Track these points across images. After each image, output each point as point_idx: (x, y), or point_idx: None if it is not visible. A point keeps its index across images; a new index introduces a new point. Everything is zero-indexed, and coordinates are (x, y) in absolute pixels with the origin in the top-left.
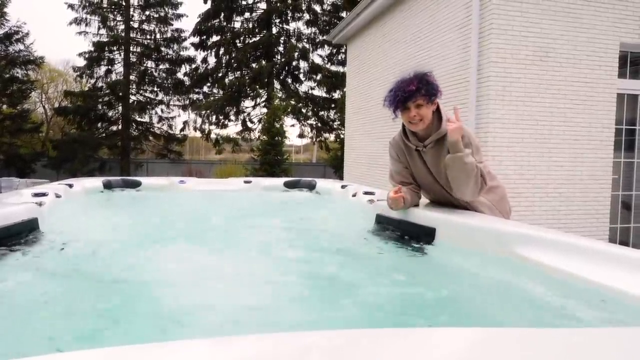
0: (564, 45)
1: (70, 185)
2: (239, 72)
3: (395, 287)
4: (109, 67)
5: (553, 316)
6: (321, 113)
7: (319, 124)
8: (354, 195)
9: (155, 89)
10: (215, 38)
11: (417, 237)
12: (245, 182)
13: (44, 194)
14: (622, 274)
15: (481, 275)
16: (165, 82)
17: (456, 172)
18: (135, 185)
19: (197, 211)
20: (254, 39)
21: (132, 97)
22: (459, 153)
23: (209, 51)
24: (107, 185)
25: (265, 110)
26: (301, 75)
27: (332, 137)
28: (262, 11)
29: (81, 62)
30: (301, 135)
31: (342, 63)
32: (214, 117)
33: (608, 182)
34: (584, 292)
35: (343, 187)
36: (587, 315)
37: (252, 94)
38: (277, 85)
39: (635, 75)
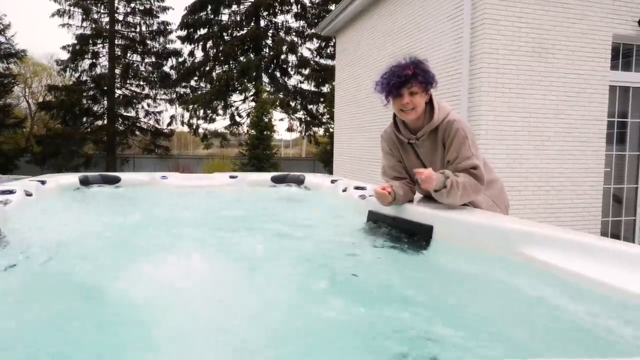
0: (556, 37)
1: (43, 182)
2: (226, 66)
3: (390, 292)
4: (94, 60)
5: (572, 327)
6: (310, 107)
7: (308, 118)
8: (344, 191)
9: (142, 82)
10: (202, 31)
11: (413, 235)
12: (231, 177)
13: (10, 192)
14: None
15: (483, 278)
16: (151, 75)
17: (445, 201)
18: (114, 181)
19: (179, 210)
20: (242, 32)
21: (118, 91)
22: (442, 193)
23: (196, 44)
24: (84, 182)
25: (253, 104)
26: (290, 69)
27: (321, 131)
28: (250, 4)
29: (65, 56)
30: (290, 129)
31: (331, 56)
32: (202, 111)
33: (600, 175)
34: (603, 297)
35: (333, 182)
36: (610, 324)
37: (240, 87)
38: (265, 79)
39: (627, 67)
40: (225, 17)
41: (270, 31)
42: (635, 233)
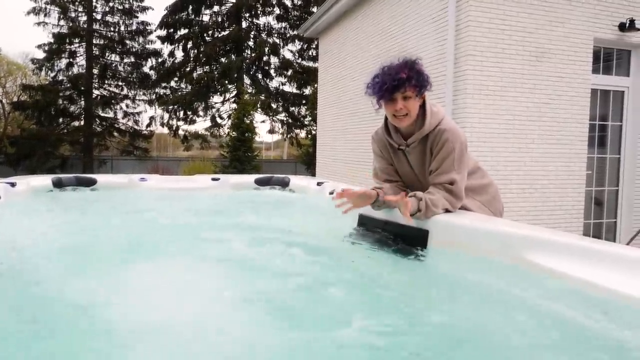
0: (539, 39)
1: (13, 184)
2: (207, 67)
3: (382, 302)
4: (70, 60)
5: (579, 336)
6: (292, 109)
7: (290, 120)
8: (331, 193)
9: (120, 83)
10: (182, 31)
11: (407, 241)
12: (213, 179)
13: None
14: None
15: (484, 286)
16: (130, 76)
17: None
18: (90, 183)
19: (157, 213)
20: (223, 33)
21: (95, 92)
22: (419, 217)
23: (177, 45)
24: (57, 184)
25: (234, 105)
26: (272, 71)
27: (303, 133)
28: (232, 5)
29: (40, 55)
30: (272, 131)
31: (313, 59)
32: (182, 112)
33: (582, 178)
34: (611, 304)
35: (319, 184)
36: (619, 332)
37: (221, 89)
38: (247, 80)
39: (607, 70)
40: (206, 18)
41: (252, 33)
42: (617, 235)
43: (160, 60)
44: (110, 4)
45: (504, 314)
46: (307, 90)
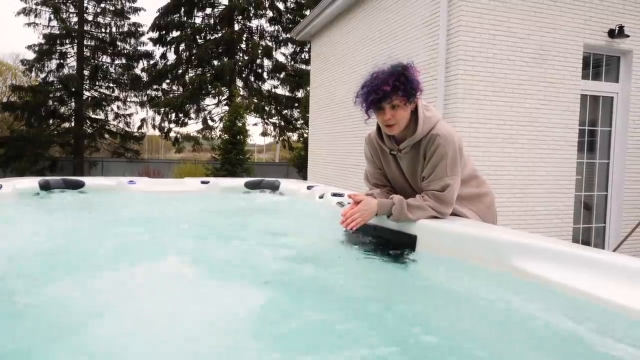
0: (530, 45)
1: None
2: (199, 69)
3: (369, 308)
4: (61, 61)
5: (569, 346)
6: (284, 112)
7: (282, 123)
8: (321, 197)
9: (111, 84)
10: (175, 33)
11: (394, 246)
12: (203, 182)
13: None
14: None
15: (471, 292)
16: (121, 77)
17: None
18: (78, 186)
19: (142, 217)
20: (216, 36)
21: (86, 93)
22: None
23: (169, 47)
24: (45, 186)
25: (227, 108)
26: (264, 74)
27: (295, 136)
28: (224, 7)
29: (31, 55)
30: (264, 134)
31: (306, 62)
32: (174, 114)
33: (572, 183)
34: (601, 314)
35: (309, 188)
36: (611, 343)
37: (213, 91)
38: (239, 83)
39: (597, 76)
40: (198, 20)
41: (245, 35)
42: (605, 240)
43: (152, 62)
44: (102, 5)
45: (492, 323)
46: (300, 93)
